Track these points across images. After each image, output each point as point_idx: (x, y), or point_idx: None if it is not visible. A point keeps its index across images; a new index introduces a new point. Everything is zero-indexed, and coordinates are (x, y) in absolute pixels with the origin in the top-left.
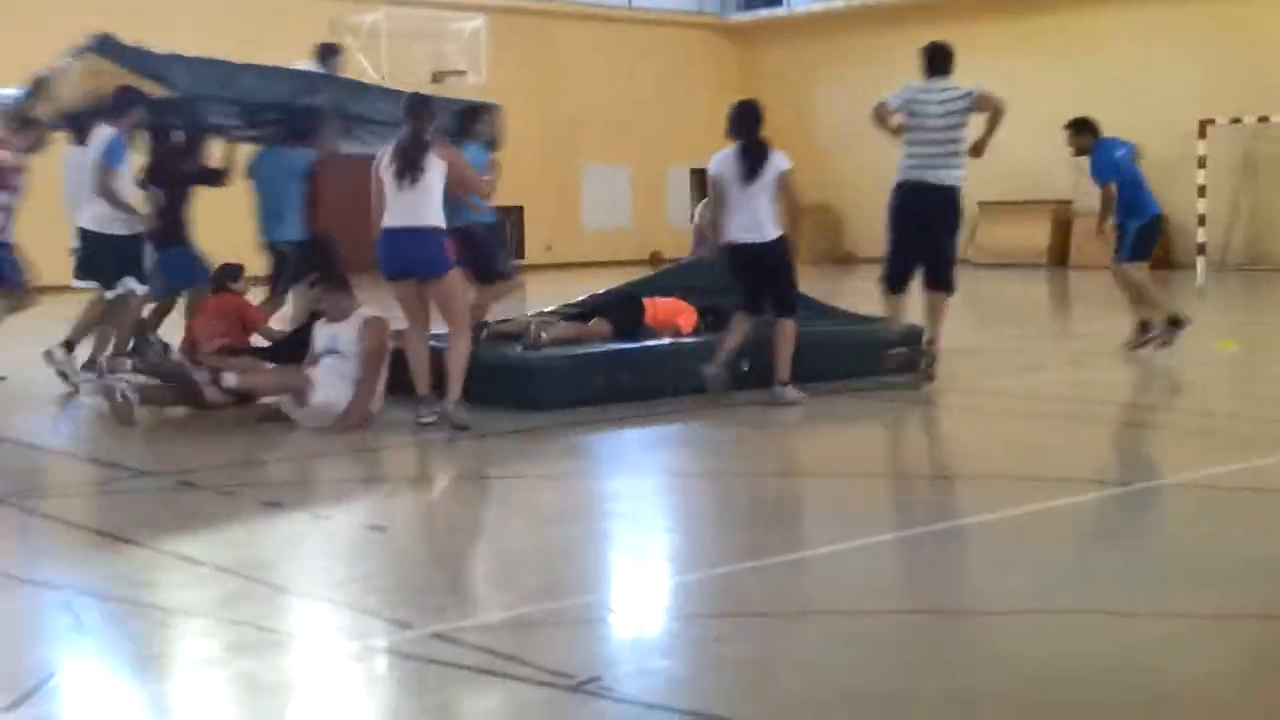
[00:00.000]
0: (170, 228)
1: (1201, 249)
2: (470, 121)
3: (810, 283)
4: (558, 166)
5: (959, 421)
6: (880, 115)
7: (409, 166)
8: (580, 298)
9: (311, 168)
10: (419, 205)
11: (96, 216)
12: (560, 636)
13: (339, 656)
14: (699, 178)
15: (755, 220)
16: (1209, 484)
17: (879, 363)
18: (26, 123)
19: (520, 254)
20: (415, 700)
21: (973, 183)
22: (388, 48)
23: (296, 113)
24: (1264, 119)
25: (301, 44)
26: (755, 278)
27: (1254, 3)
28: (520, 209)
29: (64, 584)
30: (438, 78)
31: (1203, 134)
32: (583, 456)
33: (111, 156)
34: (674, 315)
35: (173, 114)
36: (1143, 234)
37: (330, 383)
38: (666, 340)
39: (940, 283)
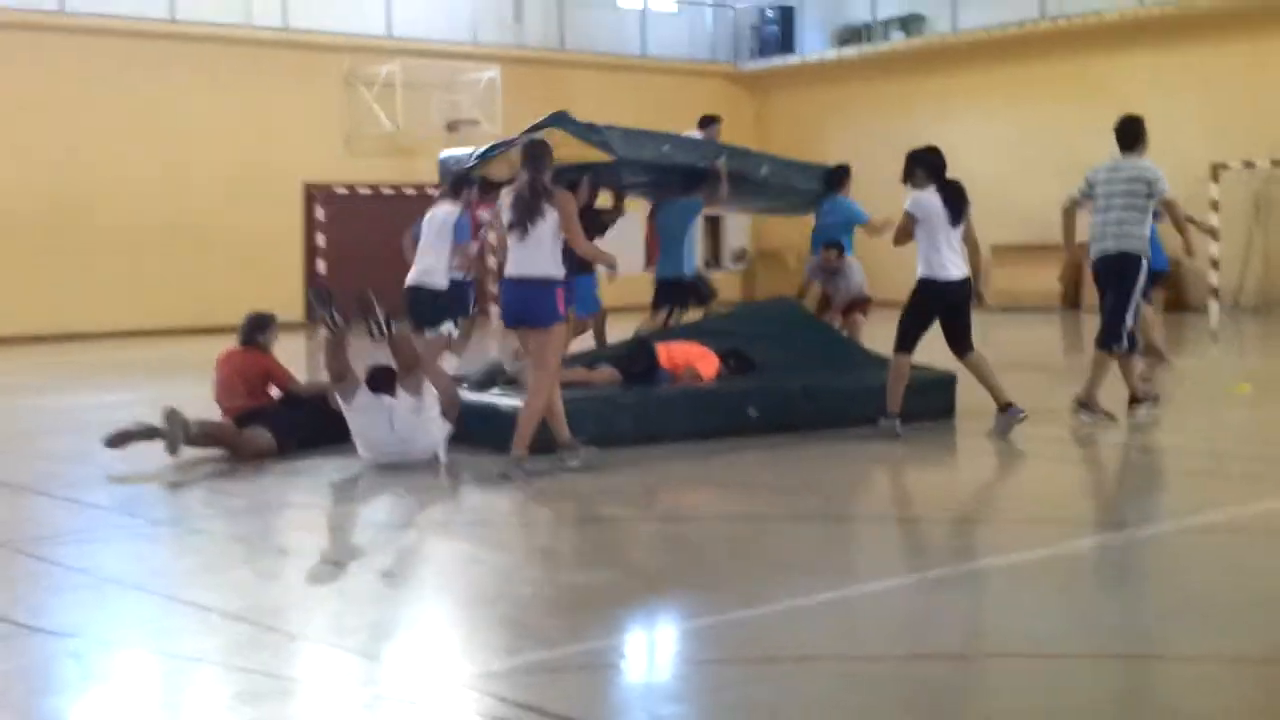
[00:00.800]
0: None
1: (1215, 292)
2: (838, 180)
3: None
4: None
5: (968, 464)
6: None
7: (525, 215)
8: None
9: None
10: (533, 255)
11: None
12: (572, 683)
13: (350, 705)
14: (711, 224)
15: (957, 258)
16: (1221, 526)
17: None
18: (472, 181)
19: None
20: None
21: (987, 226)
22: (403, 98)
23: (696, 172)
24: (1276, 162)
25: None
26: (947, 315)
27: (1263, 45)
28: None
29: (72, 631)
30: (452, 127)
31: (1215, 178)
32: (589, 501)
33: (463, 231)
34: (692, 359)
35: (606, 174)
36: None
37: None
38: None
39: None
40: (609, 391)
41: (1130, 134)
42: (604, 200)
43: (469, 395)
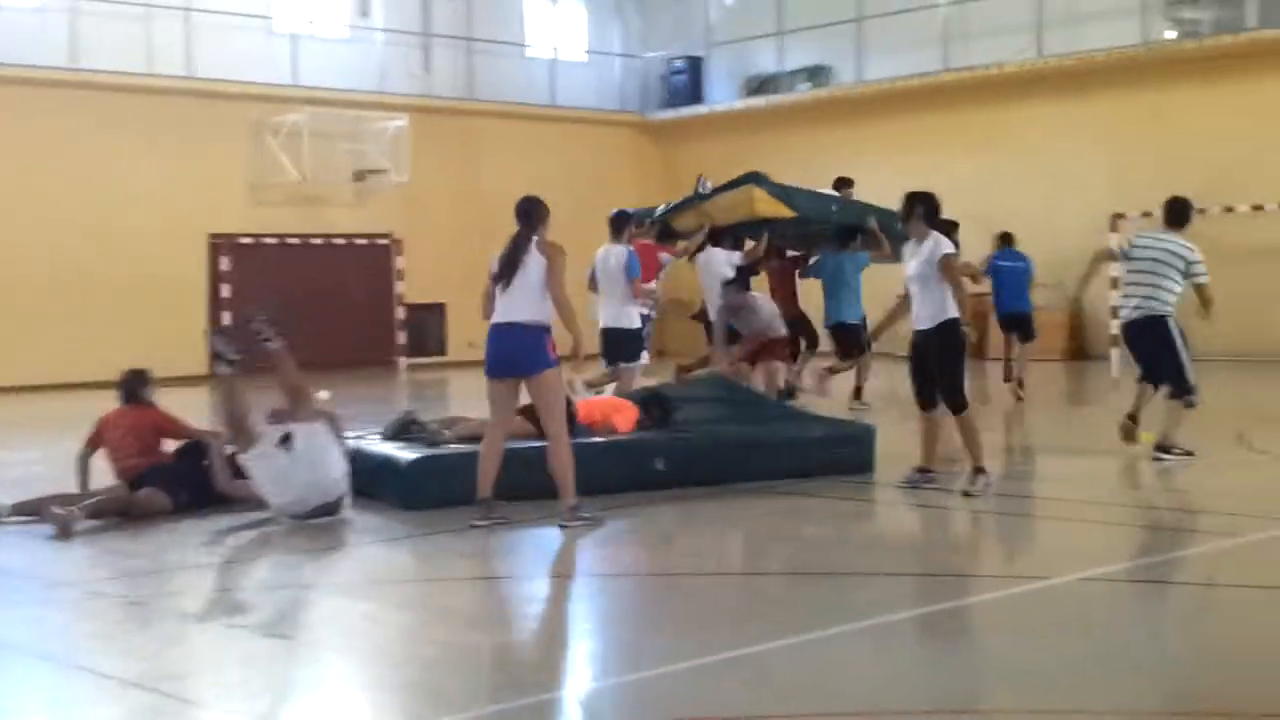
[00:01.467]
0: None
1: (1115, 340)
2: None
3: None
4: (481, 263)
5: (888, 517)
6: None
7: (508, 267)
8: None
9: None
10: (518, 303)
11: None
12: None
13: None
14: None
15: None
16: (1136, 576)
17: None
18: (629, 217)
19: (442, 351)
20: None
21: (895, 274)
22: (309, 147)
23: (853, 228)
24: None
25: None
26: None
27: (1162, 97)
28: (442, 306)
29: None
30: (359, 176)
31: (1114, 227)
32: (493, 558)
33: (634, 268)
34: (610, 413)
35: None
36: None
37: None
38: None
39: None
40: (519, 447)
41: (1174, 212)
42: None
43: (375, 447)
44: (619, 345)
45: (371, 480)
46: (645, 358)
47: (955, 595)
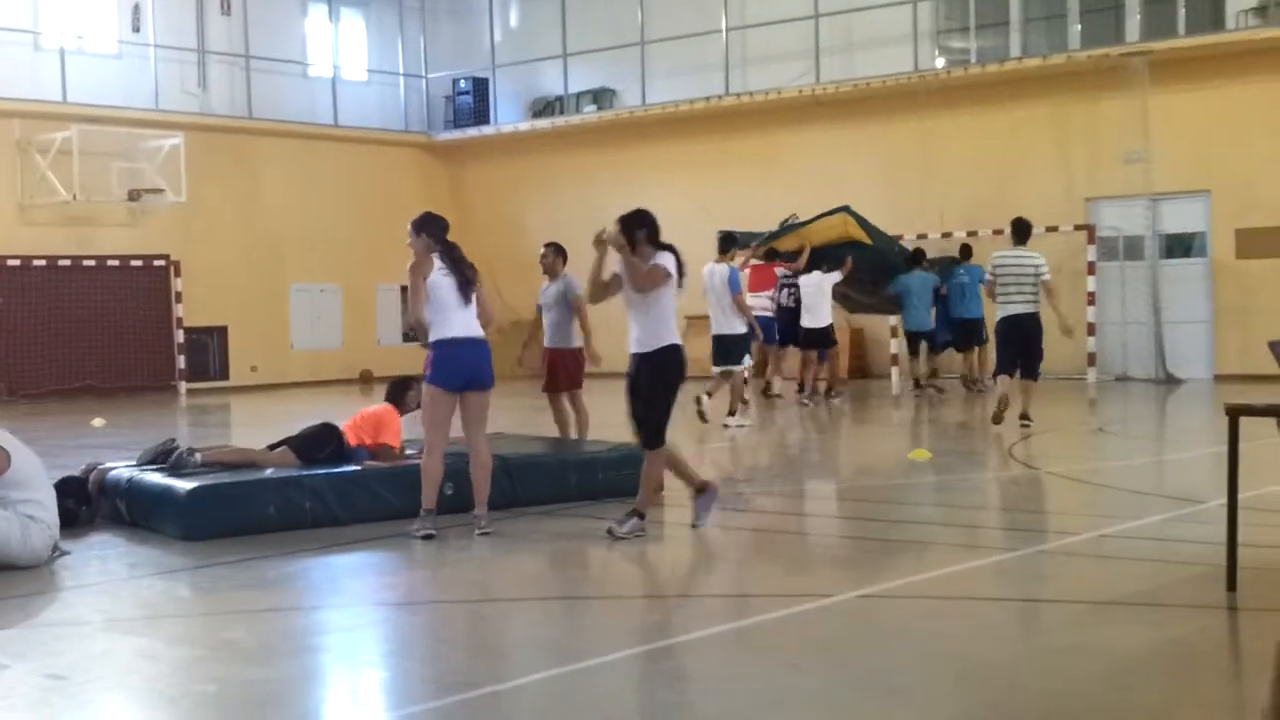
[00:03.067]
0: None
1: (895, 359)
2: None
3: (527, 396)
4: (263, 285)
5: (669, 538)
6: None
7: (466, 284)
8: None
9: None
10: (475, 317)
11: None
12: None
13: None
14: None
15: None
16: (903, 594)
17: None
18: (735, 240)
19: (225, 375)
20: None
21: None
22: (80, 166)
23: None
24: (946, 235)
25: None
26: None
27: (929, 124)
28: (224, 329)
29: None
30: (134, 196)
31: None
32: (273, 589)
33: (735, 283)
34: (378, 429)
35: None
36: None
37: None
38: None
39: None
40: (294, 474)
41: (1021, 230)
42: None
43: (152, 476)
44: (727, 349)
45: (149, 511)
46: (748, 360)
47: (736, 616)
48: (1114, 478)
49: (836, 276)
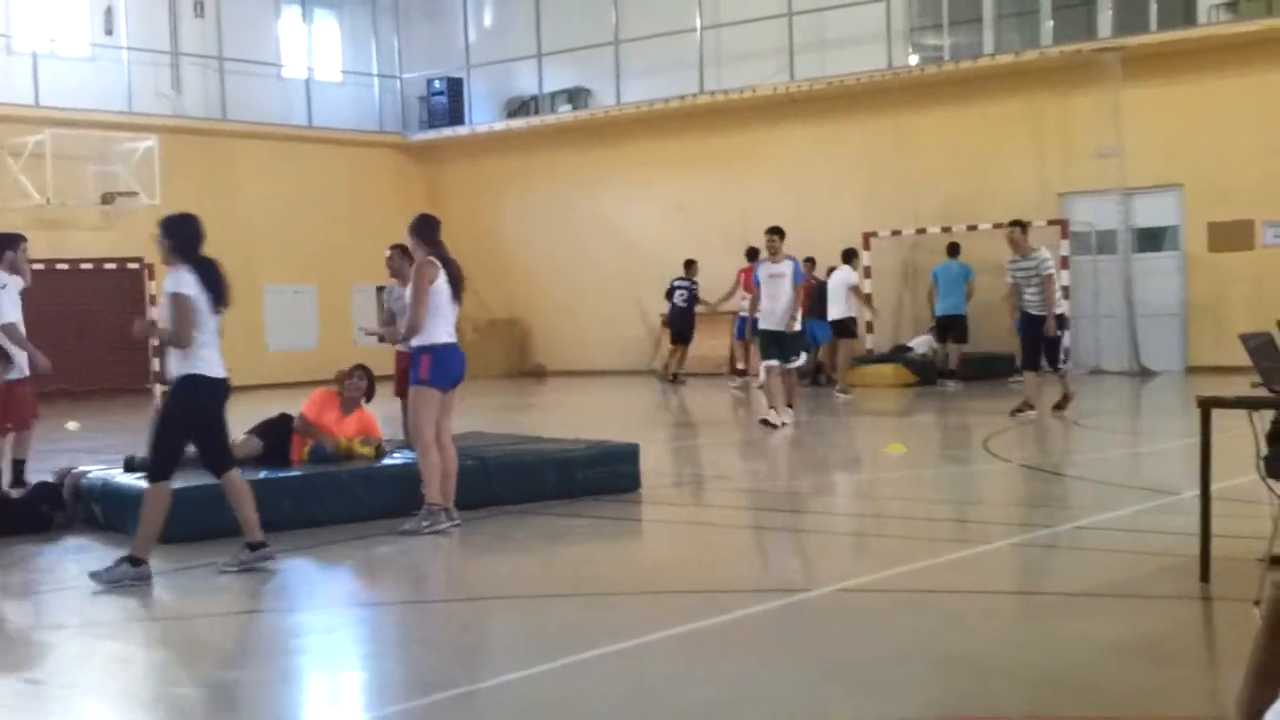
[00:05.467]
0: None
1: (870, 352)
2: None
3: (502, 395)
4: (238, 286)
5: (647, 535)
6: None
7: (459, 288)
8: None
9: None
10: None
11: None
12: None
13: None
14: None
15: None
16: (880, 587)
17: None
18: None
19: None
20: None
21: (650, 296)
22: (53, 169)
23: None
24: (921, 231)
25: None
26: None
27: (905, 121)
28: None
29: None
30: (108, 199)
31: (866, 245)
32: (251, 591)
33: (798, 278)
34: (366, 425)
35: None
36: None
37: None
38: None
39: None
40: (273, 475)
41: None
42: None
43: (126, 479)
44: (787, 343)
45: (124, 514)
46: (803, 356)
47: (714, 612)
48: (1088, 470)
49: (854, 277)
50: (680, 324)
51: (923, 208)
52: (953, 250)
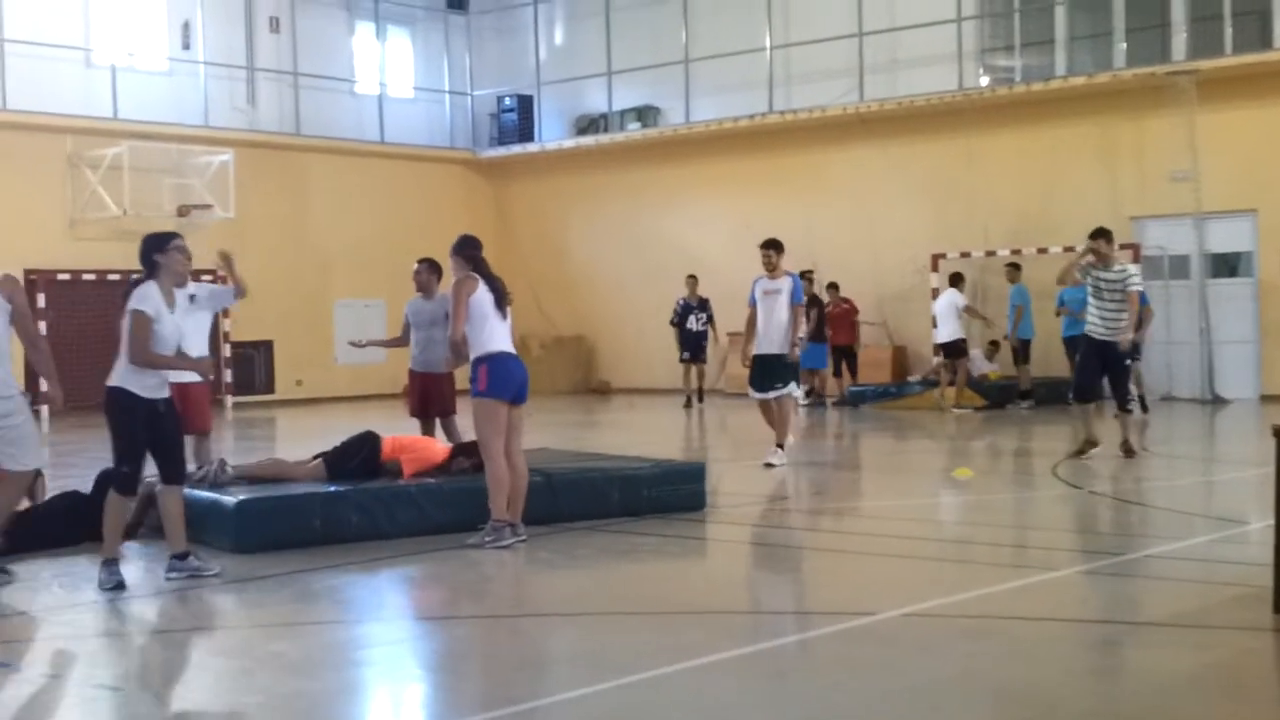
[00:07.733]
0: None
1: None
2: None
3: (568, 412)
4: (309, 300)
5: (712, 554)
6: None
7: (502, 300)
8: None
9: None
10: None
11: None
12: None
13: None
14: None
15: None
16: (946, 613)
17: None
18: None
19: (270, 389)
20: None
21: (721, 314)
22: (131, 181)
23: None
24: (990, 253)
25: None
26: None
27: (975, 142)
28: (270, 343)
29: None
30: (183, 212)
31: (935, 267)
32: (319, 602)
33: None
34: (419, 449)
35: None
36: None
37: None
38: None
39: None
40: (341, 488)
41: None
42: None
43: (200, 490)
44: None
45: (198, 523)
46: (793, 385)
47: (778, 634)
48: (1159, 498)
49: (961, 299)
50: (695, 345)
51: (992, 230)
52: (1012, 274)
